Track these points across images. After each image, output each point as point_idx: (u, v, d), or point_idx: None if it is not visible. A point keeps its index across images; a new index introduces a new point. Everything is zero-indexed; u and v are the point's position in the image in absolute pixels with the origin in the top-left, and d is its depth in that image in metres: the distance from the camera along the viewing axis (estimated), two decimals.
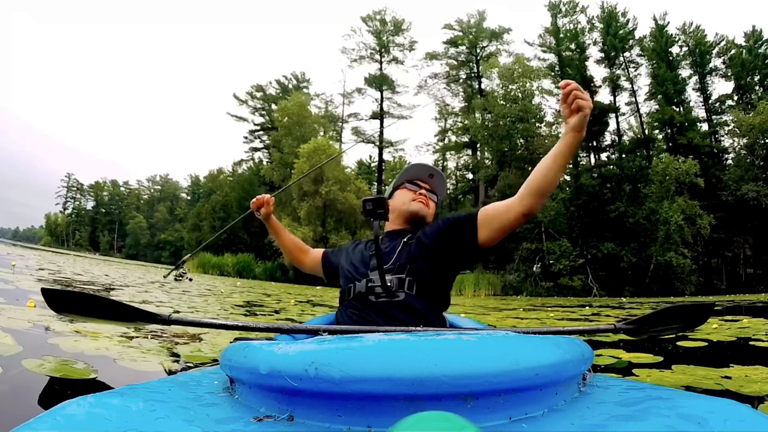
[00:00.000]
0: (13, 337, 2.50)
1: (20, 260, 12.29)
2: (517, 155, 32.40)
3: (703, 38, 35.15)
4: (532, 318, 8.19)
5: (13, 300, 4.15)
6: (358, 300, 1.69)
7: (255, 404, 0.93)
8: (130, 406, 0.83)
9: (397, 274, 1.68)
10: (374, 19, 47.91)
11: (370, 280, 1.69)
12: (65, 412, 0.79)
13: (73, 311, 1.48)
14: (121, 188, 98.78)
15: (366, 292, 1.68)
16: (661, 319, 1.59)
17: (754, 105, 29.40)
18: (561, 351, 0.91)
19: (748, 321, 6.41)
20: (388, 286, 1.63)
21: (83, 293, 1.44)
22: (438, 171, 2.04)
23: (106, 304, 1.44)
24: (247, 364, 0.94)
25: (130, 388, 0.99)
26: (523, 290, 27.23)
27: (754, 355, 3.59)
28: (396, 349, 0.81)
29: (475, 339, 0.86)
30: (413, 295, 1.65)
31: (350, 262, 1.89)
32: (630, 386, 1.05)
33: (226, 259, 36.74)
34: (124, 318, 1.46)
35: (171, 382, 1.13)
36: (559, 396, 0.90)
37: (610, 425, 0.76)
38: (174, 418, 0.81)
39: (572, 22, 38.13)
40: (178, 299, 7.12)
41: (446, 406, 0.74)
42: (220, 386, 1.13)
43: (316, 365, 0.79)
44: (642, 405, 0.84)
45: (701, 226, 26.13)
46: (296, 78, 55.16)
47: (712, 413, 0.74)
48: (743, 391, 2.29)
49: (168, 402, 0.91)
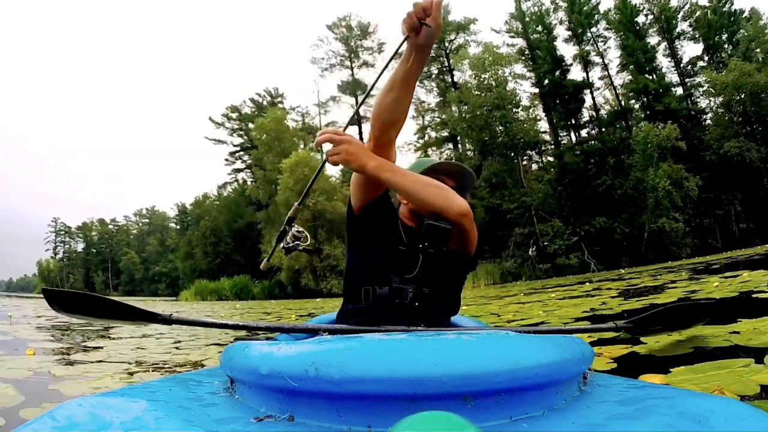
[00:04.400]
0: (15, 387, 2.47)
1: (16, 310, 12.18)
2: (499, 142, 32.53)
3: (667, 4, 35.48)
4: (534, 301, 8.21)
5: (12, 350, 4.13)
6: (376, 303, 1.63)
7: (255, 404, 0.93)
8: (130, 407, 0.83)
9: (421, 285, 1.63)
10: (340, 26, 48.05)
11: (394, 289, 1.61)
12: (65, 412, 0.79)
13: (74, 311, 1.47)
14: (110, 226, 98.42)
15: (387, 297, 1.61)
16: (661, 318, 1.59)
17: (726, 63, 29.77)
18: (561, 350, 0.91)
19: (748, 275, 6.46)
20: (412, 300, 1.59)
21: (84, 294, 1.44)
22: (469, 171, 1.89)
23: (107, 304, 1.43)
24: (248, 365, 0.95)
25: (130, 388, 1.01)
26: (521, 275, 27.32)
27: (759, 308, 3.60)
28: (396, 349, 0.82)
29: (475, 339, 0.86)
30: (432, 304, 1.64)
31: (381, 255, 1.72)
32: (631, 385, 1.07)
33: (223, 283, 36.69)
34: (124, 317, 1.46)
35: (171, 382, 1.13)
36: (560, 395, 0.91)
37: (611, 424, 0.77)
38: (174, 418, 0.81)
39: (536, 4, 38.40)
40: (179, 329, 7.07)
41: (446, 406, 0.74)
42: (220, 386, 1.13)
43: (317, 365, 0.79)
44: (643, 404, 0.85)
45: (689, 188, 26.36)
46: (270, 94, 55.23)
47: (713, 412, 0.74)
48: (752, 344, 2.30)
49: (168, 402, 0.92)
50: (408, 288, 1.60)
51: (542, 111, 37.20)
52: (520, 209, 29.99)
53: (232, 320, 5.66)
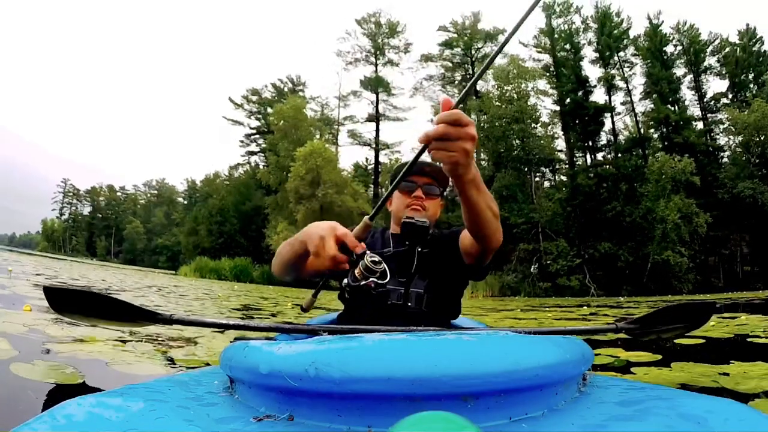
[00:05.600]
0: (9, 341, 2.49)
1: (17, 266, 12.26)
2: (513, 156, 32.55)
3: (697, 37, 35.34)
4: (530, 318, 8.20)
5: (9, 304, 4.16)
6: (373, 304, 1.65)
7: (255, 404, 0.93)
8: (130, 406, 0.82)
9: (416, 288, 1.66)
10: (369, 21, 48.12)
11: (389, 290, 1.64)
12: (65, 412, 0.79)
13: (75, 311, 1.48)
14: (118, 193, 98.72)
15: (386, 298, 1.64)
16: (662, 318, 1.58)
17: (749, 103, 29.64)
18: (561, 351, 0.90)
19: (746, 318, 6.43)
20: (408, 302, 1.62)
21: (85, 291, 1.44)
22: (432, 163, 1.85)
23: (108, 303, 1.44)
24: (247, 364, 0.94)
25: (130, 388, 0.99)
26: (520, 291, 27.31)
27: (752, 352, 3.59)
28: (396, 349, 0.81)
29: (475, 339, 0.85)
30: (430, 306, 1.66)
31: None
32: (630, 386, 1.06)
33: (224, 263, 36.71)
34: (125, 318, 1.46)
35: (171, 382, 1.12)
36: (559, 396, 0.90)
37: (610, 425, 0.76)
38: (174, 418, 0.80)
39: (567, 22, 38.39)
40: (176, 302, 7.11)
41: (446, 406, 0.71)
42: (220, 386, 1.12)
43: (316, 365, 0.79)
44: (642, 405, 0.84)
45: (698, 224, 26.26)
46: (292, 81, 55.29)
47: (712, 413, 0.74)
48: (739, 388, 2.29)
49: (168, 402, 0.91)
50: (400, 289, 1.64)
51: (560, 129, 37.18)
52: (527, 225, 29.95)
53: (233, 316, 5.68)
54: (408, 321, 1.55)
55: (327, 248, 1.20)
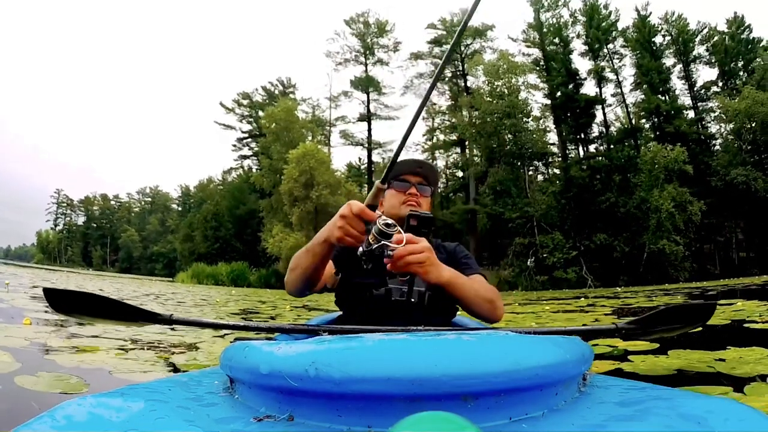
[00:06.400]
0: (11, 355, 2.50)
1: (13, 279, 12.21)
2: (506, 151, 32.51)
3: (685, 27, 35.41)
4: (528, 312, 8.23)
5: (8, 318, 4.15)
6: (376, 305, 1.66)
7: (255, 404, 0.92)
8: (130, 406, 0.82)
9: (418, 287, 1.66)
10: (357, 21, 48.01)
11: (389, 290, 1.66)
12: (65, 412, 0.78)
13: (75, 311, 1.48)
14: (112, 202, 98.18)
15: (385, 297, 1.65)
16: (662, 318, 1.59)
17: (739, 90, 29.74)
18: (561, 351, 0.90)
19: (743, 304, 6.47)
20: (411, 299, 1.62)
21: (85, 292, 1.44)
22: (425, 162, 1.95)
23: (108, 304, 1.44)
24: (248, 364, 0.94)
25: (130, 388, 0.99)
26: (518, 285, 27.32)
27: (749, 337, 3.62)
28: (396, 349, 0.81)
29: (475, 339, 0.85)
30: (432, 304, 1.67)
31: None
32: (630, 386, 1.05)
33: (221, 268, 36.61)
34: (125, 317, 1.47)
35: (171, 382, 1.11)
36: (560, 396, 0.90)
37: (611, 425, 0.76)
38: (174, 418, 0.80)
39: (555, 16, 38.36)
40: (174, 310, 7.10)
41: (446, 406, 0.72)
42: (220, 386, 1.12)
43: (317, 365, 0.79)
44: (642, 405, 0.84)
45: (692, 212, 26.31)
46: (282, 84, 55.12)
47: (713, 413, 0.74)
48: (734, 372, 2.32)
49: (168, 402, 0.91)
50: (403, 288, 1.63)
51: (552, 123, 37.18)
52: (522, 219, 29.96)
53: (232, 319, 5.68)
54: (410, 318, 1.56)
55: (353, 207, 1.28)
